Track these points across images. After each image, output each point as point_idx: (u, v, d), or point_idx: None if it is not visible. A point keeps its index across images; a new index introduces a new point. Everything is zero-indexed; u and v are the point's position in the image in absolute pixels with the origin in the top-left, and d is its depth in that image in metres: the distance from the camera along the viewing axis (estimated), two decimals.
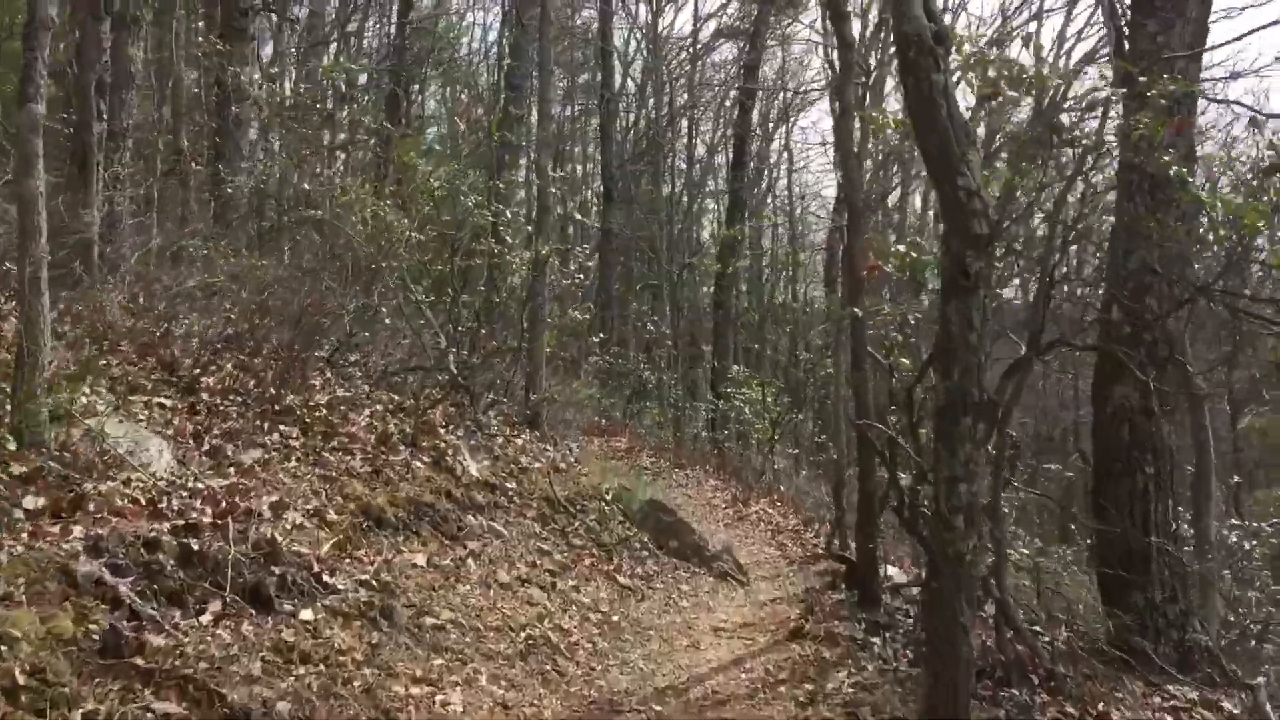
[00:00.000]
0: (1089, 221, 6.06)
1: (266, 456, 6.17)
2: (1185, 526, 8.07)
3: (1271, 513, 11.55)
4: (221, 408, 6.70)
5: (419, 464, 7.35)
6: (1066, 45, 23.15)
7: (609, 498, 9.60)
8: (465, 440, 8.44)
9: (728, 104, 31.87)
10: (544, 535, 7.80)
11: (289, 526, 5.28)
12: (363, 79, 26.03)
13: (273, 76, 18.43)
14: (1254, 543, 8.41)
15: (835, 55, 30.08)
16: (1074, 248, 7.77)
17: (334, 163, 16.61)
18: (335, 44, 25.87)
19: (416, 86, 28.17)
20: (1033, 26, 23.59)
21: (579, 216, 13.00)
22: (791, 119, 31.41)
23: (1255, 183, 5.92)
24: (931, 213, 27.21)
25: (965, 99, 7.34)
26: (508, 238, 10.52)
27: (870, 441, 6.75)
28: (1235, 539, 8.41)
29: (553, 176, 10.86)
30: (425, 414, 8.41)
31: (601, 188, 28.55)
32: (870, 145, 16.04)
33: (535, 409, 10.72)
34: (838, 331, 11.46)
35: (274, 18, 19.51)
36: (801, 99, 31.31)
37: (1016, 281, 8.65)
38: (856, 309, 6.57)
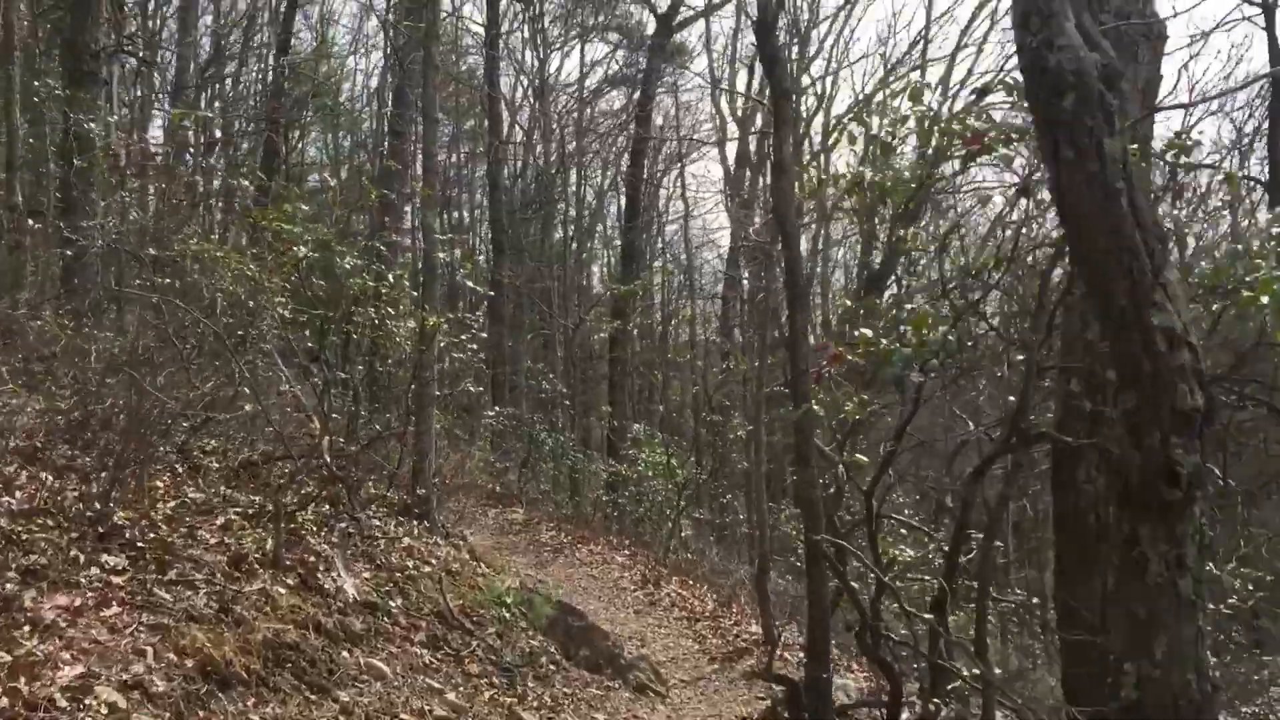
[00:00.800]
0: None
1: (78, 604, 4.87)
2: None
3: None
4: (25, 535, 5.37)
5: (281, 589, 6.09)
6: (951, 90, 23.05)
7: (510, 601, 8.43)
8: (341, 549, 7.20)
9: (616, 149, 31.31)
10: (435, 666, 6.59)
11: (97, 712, 4.02)
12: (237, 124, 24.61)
13: (129, 125, 16.92)
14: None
15: (725, 103, 29.82)
16: None
17: (201, 217, 15.23)
18: (205, 89, 24.37)
19: (297, 134, 26.79)
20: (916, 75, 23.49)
21: (470, 284, 11.71)
22: (683, 163, 30.75)
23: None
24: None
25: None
26: (389, 308, 9.32)
27: (821, 556, 5.76)
28: None
29: (440, 238, 9.72)
30: (293, 519, 7.16)
31: (490, 237, 27.52)
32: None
33: (424, 498, 9.50)
34: (756, 404, 10.56)
35: (132, 61, 18.02)
36: (693, 146, 30.81)
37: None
38: (806, 403, 5.60)
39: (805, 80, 25.40)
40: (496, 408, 17.73)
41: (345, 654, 5.94)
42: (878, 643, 5.59)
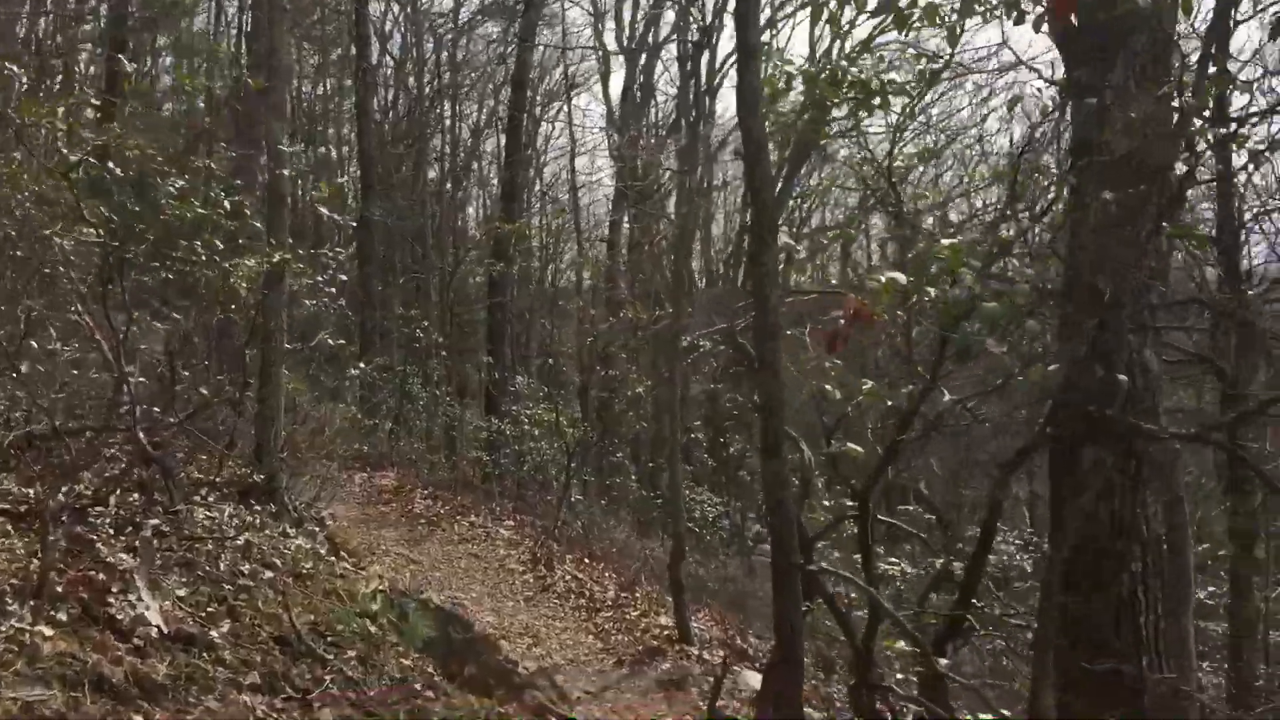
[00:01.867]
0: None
1: None
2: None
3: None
4: None
5: (46, 630, 4.33)
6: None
7: (377, 608, 6.78)
8: (146, 558, 5.44)
9: (494, 84, 29.32)
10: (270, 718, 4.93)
11: None
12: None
13: None
14: None
15: (610, 37, 28.01)
16: None
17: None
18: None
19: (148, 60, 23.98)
20: None
21: (326, 212, 9.63)
22: (570, 94, 28.95)
23: None
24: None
25: None
26: (221, 240, 7.40)
27: (793, 580, 4.23)
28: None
29: (290, 152, 7.83)
30: (83, 518, 5.37)
31: (359, 174, 25.29)
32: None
33: (270, 476, 7.73)
34: (669, 357, 9.05)
35: None
36: (580, 76, 29.00)
37: None
38: (773, 373, 4.08)
39: None
40: (362, 362, 15.79)
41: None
42: (874, 697, 4.19)
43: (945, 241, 3.45)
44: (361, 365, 14.34)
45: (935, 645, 4.24)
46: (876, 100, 4.71)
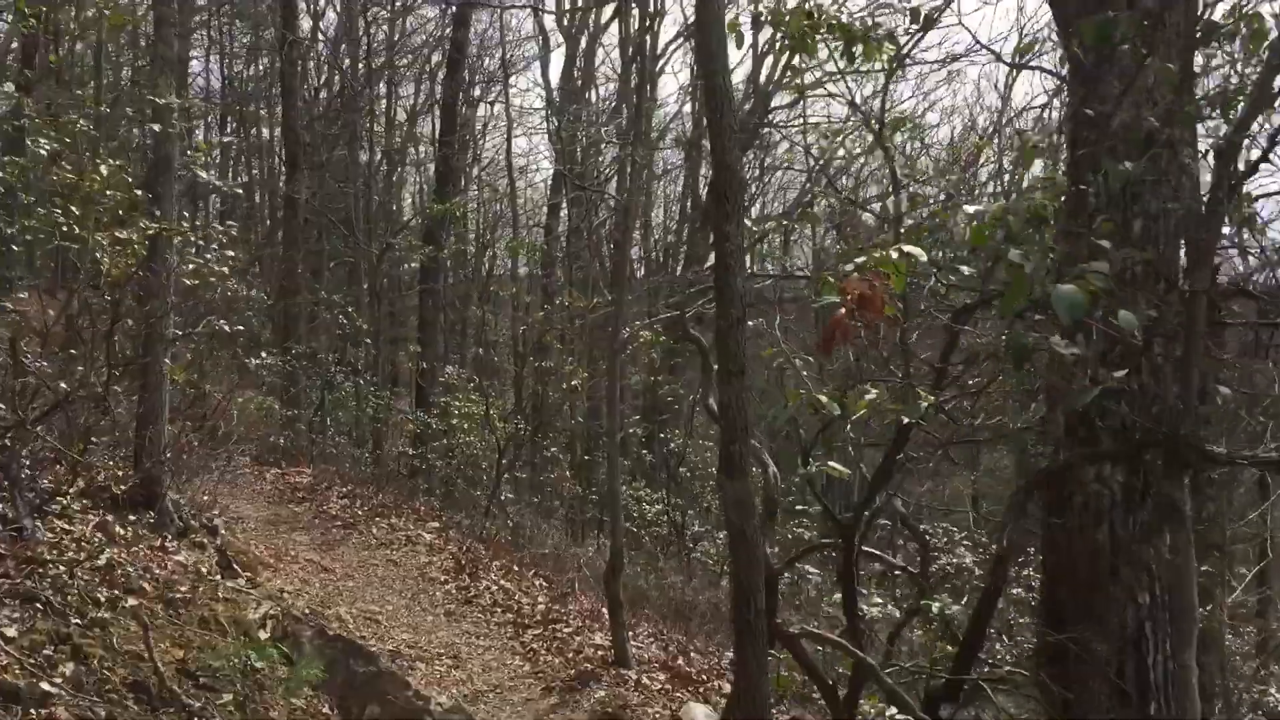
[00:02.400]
0: None
1: None
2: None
3: None
4: None
5: None
6: None
7: (265, 636, 5.87)
8: None
9: (430, 68, 28.29)
10: None
11: None
12: None
13: None
14: None
15: (549, 19, 27.03)
16: None
17: None
18: None
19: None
20: None
21: (203, 175, 8.31)
22: (507, 74, 28.00)
23: None
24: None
25: None
26: (88, 207, 6.39)
27: (757, 631, 3.37)
28: None
29: (173, 105, 6.81)
30: None
31: (284, 151, 24.06)
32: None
33: (150, 480, 6.76)
34: (612, 349, 8.20)
35: None
36: (517, 58, 28.04)
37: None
38: (737, 370, 3.26)
39: None
40: (272, 350, 14.71)
41: None
42: None
43: (969, 208, 2.67)
44: (265, 354, 13.20)
45: (928, 708, 3.47)
46: (860, 48, 3.92)
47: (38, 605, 4.79)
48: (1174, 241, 3.65)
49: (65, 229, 5.97)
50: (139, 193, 6.79)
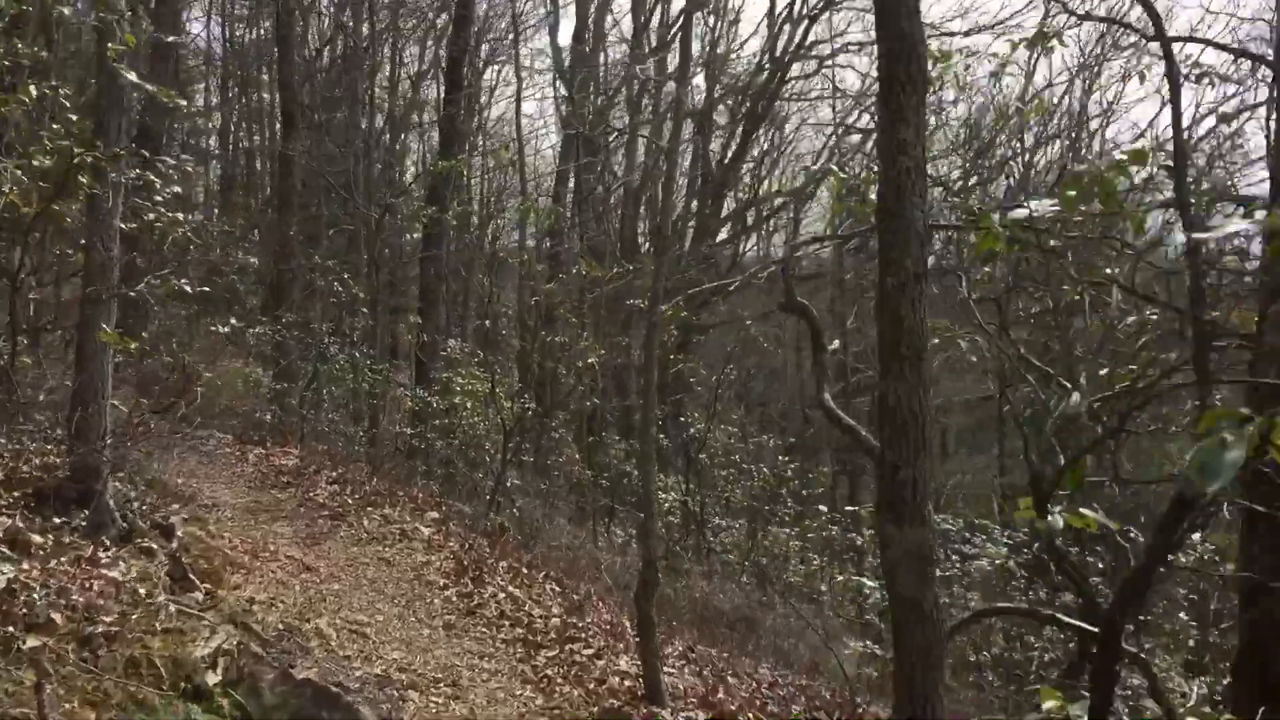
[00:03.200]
0: None
1: None
2: None
3: None
4: None
5: None
6: None
7: (216, 677, 4.61)
8: None
9: (437, 30, 27.01)
10: None
11: None
12: None
13: None
14: None
15: None
16: None
17: None
18: None
19: None
20: None
21: (131, 77, 6.88)
22: (518, 35, 26.74)
23: None
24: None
25: None
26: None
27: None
28: None
29: (115, 28, 5.48)
30: None
31: (280, 108, 22.78)
32: None
33: (85, 472, 5.50)
34: (650, 325, 6.89)
35: None
36: (529, 14, 26.81)
37: None
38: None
39: None
40: (261, 318, 13.46)
41: None
42: None
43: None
44: (237, 320, 11.90)
45: None
46: None
47: None
48: None
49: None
50: (74, 117, 5.51)
